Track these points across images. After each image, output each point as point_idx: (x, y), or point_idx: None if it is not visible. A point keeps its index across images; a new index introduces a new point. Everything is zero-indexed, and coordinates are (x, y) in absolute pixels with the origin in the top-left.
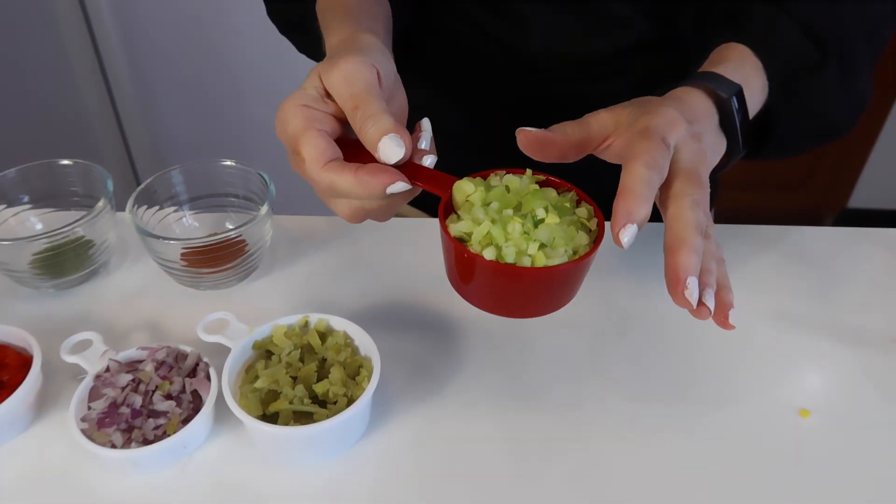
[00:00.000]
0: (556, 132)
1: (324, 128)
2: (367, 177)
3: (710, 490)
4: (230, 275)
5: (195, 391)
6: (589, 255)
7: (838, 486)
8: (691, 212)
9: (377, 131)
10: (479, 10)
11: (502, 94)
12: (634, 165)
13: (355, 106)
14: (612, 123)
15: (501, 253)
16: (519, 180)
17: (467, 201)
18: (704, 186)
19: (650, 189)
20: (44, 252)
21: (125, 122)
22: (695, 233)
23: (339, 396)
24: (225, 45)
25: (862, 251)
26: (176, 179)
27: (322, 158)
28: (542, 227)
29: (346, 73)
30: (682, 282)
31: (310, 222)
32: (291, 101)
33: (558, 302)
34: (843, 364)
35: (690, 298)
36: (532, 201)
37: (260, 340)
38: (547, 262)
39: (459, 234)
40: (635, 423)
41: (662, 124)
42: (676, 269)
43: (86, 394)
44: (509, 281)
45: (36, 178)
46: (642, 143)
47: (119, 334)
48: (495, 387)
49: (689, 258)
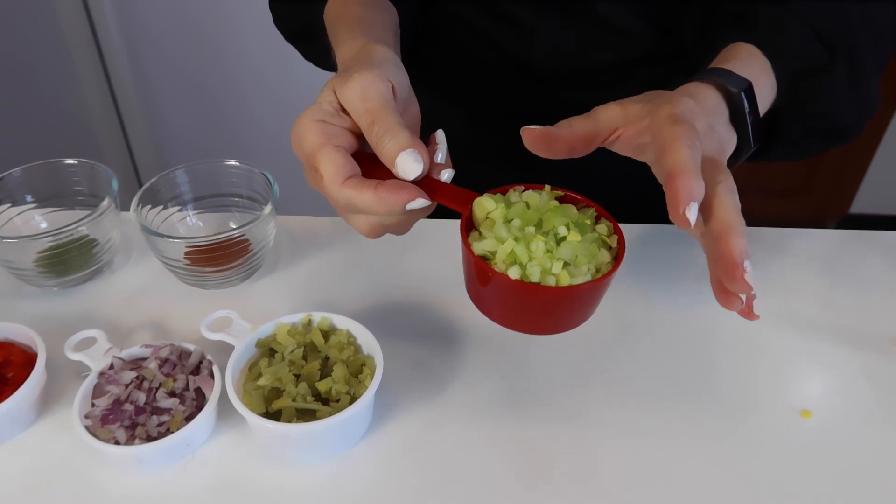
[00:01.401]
0: (562, 128)
1: (340, 143)
2: (387, 194)
3: (712, 491)
4: (233, 274)
5: (199, 388)
6: (612, 272)
7: (840, 486)
8: (730, 197)
9: (395, 147)
10: (484, 21)
11: (507, 103)
12: (678, 147)
13: (371, 121)
14: (621, 116)
15: (526, 272)
16: (538, 196)
17: (488, 218)
18: (730, 175)
19: (698, 167)
20: (48, 251)
21: (127, 122)
22: (740, 217)
23: (342, 394)
24: (226, 46)
25: (862, 253)
26: (180, 179)
27: (340, 175)
28: (565, 246)
29: (361, 87)
30: (739, 266)
31: (313, 223)
32: (307, 117)
33: (578, 319)
34: (843, 365)
35: (750, 281)
36: (553, 218)
37: (263, 338)
38: (571, 280)
39: (483, 252)
40: (636, 427)
41: (686, 112)
42: (732, 254)
43: (90, 391)
44: (533, 300)
45: (41, 177)
46: (676, 128)
47: (123, 332)
48: (497, 388)
49: (742, 242)
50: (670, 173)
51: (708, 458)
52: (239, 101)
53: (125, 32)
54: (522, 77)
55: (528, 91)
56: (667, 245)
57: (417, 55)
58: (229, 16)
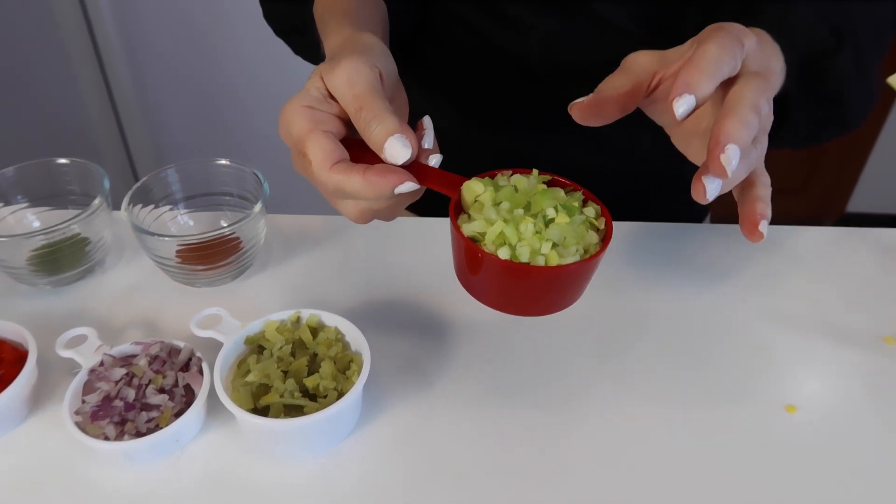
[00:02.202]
0: (606, 90)
1: (329, 129)
2: (376, 177)
3: (698, 485)
4: (224, 272)
5: (188, 385)
6: (601, 252)
7: (825, 481)
8: (752, 94)
9: (383, 132)
10: (482, 20)
11: (505, 102)
12: (706, 45)
13: (359, 107)
14: (654, 61)
15: (515, 252)
16: (526, 180)
17: (477, 201)
18: (768, 89)
19: (718, 68)
20: (41, 249)
21: (125, 123)
22: (750, 110)
23: (330, 390)
24: (224, 46)
25: (852, 250)
26: (171, 178)
27: (329, 160)
28: (553, 227)
29: (348, 73)
30: (720, 145)
31: (304, 221)
32: (295, 103)
33: (568, 300)
34: (830, 361)
35: (727, 165)
36: (542, 201)
37: (252, 335)
38: (560, 260)
39: (472, 233)
40: (624, 420)
41: (735, 29)
42: (719, 133)
43: (80, 387)
44: (523, 280)
45: (33, 176)
46: (716, 32)
47: (114, 330)
48: (485, 383)
49: (737, 127)
50: (683, 66)
51: (694, 452)
52: (236, 102)
53: (123, 33)
54: (521, 76)
55: (526, 90)
56: (662, 243)
57: (415, 55)
58: (227, 16)
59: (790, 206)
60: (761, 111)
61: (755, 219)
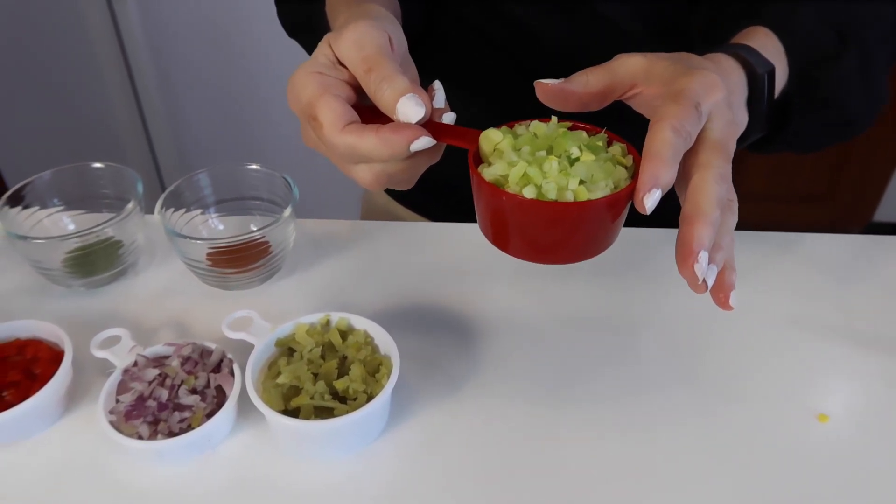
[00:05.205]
0: (576, 83)
1: (339, 93)
2: (390, 134)
3: (729, 494)
4: (254, 275)
5: (219, 386)
6: (632, 185)
7: (856, 490)
8: (715, 184)
9: (394, 93)
10: (484, 22)
11: (509, 102)
12: (661, 128)
13: (368, 69)
14: (642, 71)
15: (541, 191)
16: (546, 126)
17: (496, 150)
18: (730, 160)
19: (675, 154)
20: (75, 251)
21: (151, 126)
22: (715, 207)
23: (359, 393)
24: (249, 50)
25: (879, 257)
26: (203, 182)
27: (341, 121)
28: (579, 165)
29: (355, 36)
30: (693, 254)
31: (332, 225)
32: (303, 70)
33: (601, 243)
34: (860, 369)
35: (698, 272)
36: (564, 143)
37: (282, 338)
38: (589, 196)
39: (494, 178)
40: (653, 424)
41: (699, 89)
42: (690, 240)
43: (114, 387)
44: (553, 219)
45: (69, 180)
46: (673, 107)
47: (147, 331)
48: (512, 386)
49: (705, 231)
50: (643, 154)
51: (723, 460)
52: (261, 106)
53: (150, 38)
54: (523, 78)
55: (528, 91)
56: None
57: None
58: (252, 20)
59: (816, 213)
60: (723, 197)
61: (727, 289)
